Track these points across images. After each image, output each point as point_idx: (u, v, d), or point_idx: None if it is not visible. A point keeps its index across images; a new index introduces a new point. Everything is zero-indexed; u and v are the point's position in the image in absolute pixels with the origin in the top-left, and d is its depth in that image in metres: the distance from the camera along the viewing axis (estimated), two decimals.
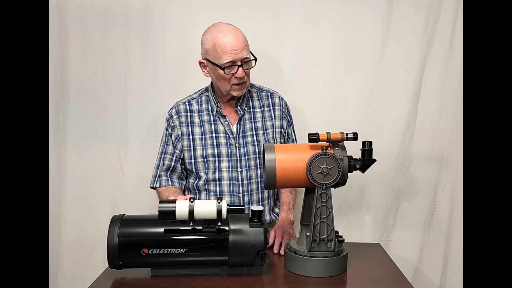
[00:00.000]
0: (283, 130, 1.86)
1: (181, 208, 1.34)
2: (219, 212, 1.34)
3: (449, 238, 2.28)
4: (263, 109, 1.85)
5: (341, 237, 1.50)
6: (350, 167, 1.48)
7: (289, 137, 1.90)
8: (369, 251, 1.73)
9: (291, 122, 1.92)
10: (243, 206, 1.43)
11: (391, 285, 1.45)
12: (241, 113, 1.81)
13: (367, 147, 1.50)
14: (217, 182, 1.77)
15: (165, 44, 2.15)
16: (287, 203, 1.87)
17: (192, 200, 1.36)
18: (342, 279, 1.46)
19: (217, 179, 1.77)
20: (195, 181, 1.81)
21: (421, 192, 2.26)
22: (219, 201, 1.35)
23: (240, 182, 1.78)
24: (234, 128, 1.80)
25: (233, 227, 1.41)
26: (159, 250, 1.38)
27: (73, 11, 2.12)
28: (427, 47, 2.16)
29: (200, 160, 1.78)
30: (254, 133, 1.81)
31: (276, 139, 1.83)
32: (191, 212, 1.34)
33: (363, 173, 1.52)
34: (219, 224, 1.38)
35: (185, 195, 1.82)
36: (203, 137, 1.79)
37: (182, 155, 1.80)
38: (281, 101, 1.88)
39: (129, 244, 1.38)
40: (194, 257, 1.41)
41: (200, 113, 1.81)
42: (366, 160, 1.50)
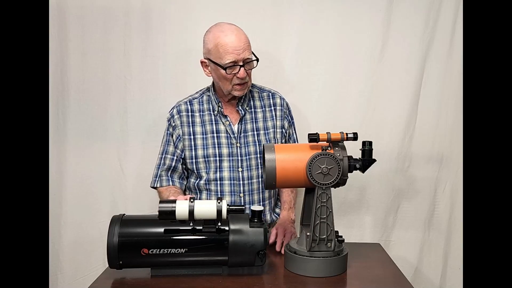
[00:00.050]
0: (284, 130, 1.86)
1: (181, 208, 1.34)
2: (219, 212, 1.34)
3: (449, 238, 2.28)
4: (264, 109, 1.85)
5: (341, 237, 1.50)
6: (350, 167, 1.48)
7: (290, 137, 1.90)
8: (369, 251, 1.73)
9: (292, 122, 1.92)
10: (243, 206, 1.43)
11: (391, 285, 1.45)
12: (243, 113, 1.81)
13: (367, 147, 1.50)
14: (218, 181, 1.77)
15: (165, 44, 2.15)
16: (288, 202, 1.87)
17: (192, 200, 1.36)
18: (342, 279, 1.46)
19: (218, 179, 1.77)
20: (196, 181, 1.81)
21: (421, 192, 2.26)
22: (219, 201, 1.35)
23: (241, 182, 1.78)
24: (235, 128, 1.80)
25: (233, 227, 1.41)
26: (159, 250, 1.38)
27: (73, 11, 2.11)
28: (427, 47, 2.16)
29: (201, 159, 1.78)
30: (255, 133, 1.81)
31: (277, 139, 1.83)
32: (191, 212, 1.34)
33: (363, 173, 1.52)
34: (219, 224, 1.38)
35: (186, 195, 1.82)
36: (204, 136, 1.79)
37: (183, 155, 1.80)
38: (283, 102, 1.88)
39: (129, 244, 1.38)
40: (194, 257, 1.41)
41: (201, 113, 1.81)
42: (366, 160, 1.50)
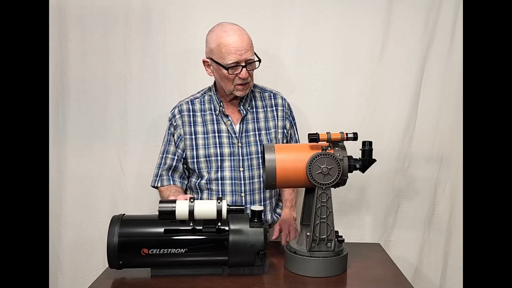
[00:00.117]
0: (285, 130, 1.86)
1: (181, 208, 1.34)
2: (219, 212, 1.34)
3: (449, 238, 2.28)
4: (266, 109, 1.85)
5: (341, 237, 1.50)
6: (350, 167, 1.48)
7: (291, 137, 1.90)
8: (369, 251, 1.73)
9: (294, 123, 1.92)
10: (243, 206, 1.43)
11: (391, 285, 1.45)
12: (244, 112, 1.81)
13: (367, 147, 1.50)
14: (219, 181, 1.77)
15: (165, 44, 2.15)
16: (290, 200, 1.87)
17: (192, 200, 1.36)
18: (342, 279, 1.46)
19: (219, 179, 1.77)
20: (198, 181, 1.81)
21: (421, 192, 2.25)
22: (219, 201, 1.35)
23: (242, 181, 1.78)
24: (236, 127, 1.80)
25: (233, 227, 1.41)
26: (159, 250, 1.38)
27: (73, 11, 2.11)
28: (427, 47, 2.16)
29: (202, 159, 1.78)
30: (256, 133, 1.81)
31: (278, 140, 1.84)
32: (191, 212, 1.34)
33: (363, 173, 1.52)
34: (219, 224, 1.38)
35: (187, 194, 1.82)
36: (206, 136, 1.79)
37: (184, 155, 1.80)
38: (284, 102, 1.88)
39: (129, 244, 1.38)
40: (194, 257, 1.41)
41: (202, 113, 1.81)
42: (366, 160, 1.50)
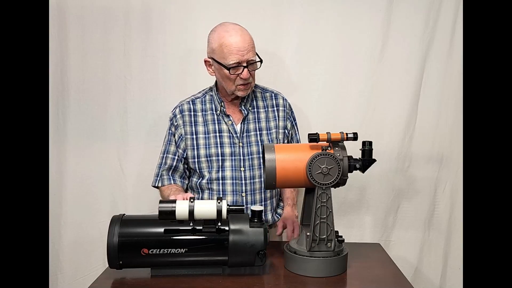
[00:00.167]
0: (287, 131, 1.86)
1: (181, 208, 1.34)
2: (219, 212, 1.34)
3: (449, 238, 2.28)
4: (267, 109, 1.85)
5: (341, 237, 1.50)
6: (350, 167, 1.48)
7: (292, 138, 1.90)
8: (369, 251, 1.73)
9: (295, 123, 1.92)
10: (243, 206, 1.43)
11: (391, 285, 1.45)
12: (245, 112, 1.81)
13: (367, 147, 1.49)
14: (220, 181, 1.77)
15: (165, 44, 2.15)
16: (292, 198, 1.88)
17: (192, 200, 1.36)
18: (342, 279, 1.46)
19: (220, 178, 1.77)
20: (199, 180, 1.81)
21: (421, 192, 2.26)
22: (219, 201, 1.35)
23: (243, 181, 1.78)
24: (237, 127, 1.80)
25: (233, 227, 1.41)
26: (159, 250, 1.38)
27: (73, 11, 2.12)
28: (427, 47, 2.16)
29: (203, 159, 1.78)
30: (258, 133, 1.81)
31: (279, 140, 1.84)
32: (191, 212, 1.34)
33: (363, 173, 1.52)
34: (219, 224, 1.38)
35: (187, 193, 1.82)
36: (207, 136, 1.78)
37: (185, 154, 1.80)
38: (285, 102, 1.88)
39: (129, 244, 1.38)
40: (194, 257, 1.41)
41: (204, 112, 1.81)
42: (366, 160, 1.49)
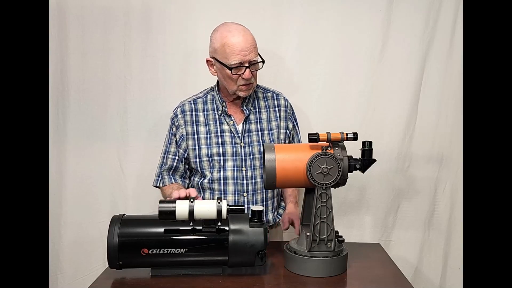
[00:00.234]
0: (288, 131, 1.87)
1: (181, 208, 1.34)
2: (219, 212, 1.34)
3: (449, 238, 2.28)
4: (268, 109, 1.85)
5: (341, 237, 1.50)
6: (350, 167, 1.48)
7: (293, 138, 1.90)
8: (369, 251, 1.73)
9: (296, 123, 1.92)
10: (243, 206, 1.43)
11: (391, 285, 1.45)
12: (247, 112, 1.81)
13: (367, 147, 1.49)
14: (222, 181, 1.77)
15: (165, 44, 2.15)
16: (294, 195, 1.89)
17: (192, 200, 1.36)
18: (342, 279, 1.46)
19: (222, 178, 1.77)
20: (200, 180, 1.81)
21: (421, 192, 2.26)
22: (219, 201, 1.35)
23: (244, 181, 1.78)
24: (239, 127, 1.80)
25: (233, 227, 1.41)
26: (159, 250, 1.38)
27: (73, 11, 2.11)
28: (427, 47, 2.16)
29: (205, 159, 1.77)
30: (259, 133, 1.81)
31: (280, 140, 1.84)
32: (191, 212, 1.34)
33: (363, 173, 1.52)
34: (219, 224, 1.38)
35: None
36: (208, 136, 1.78)
37: (186, 155, 1.80)
38: (287, 103, 1.88)
39: (129, 244, 1.38)
40: (194, 257, 1.41)
41: (205, 112, 1.81)
42: (366, 160, 1.49)
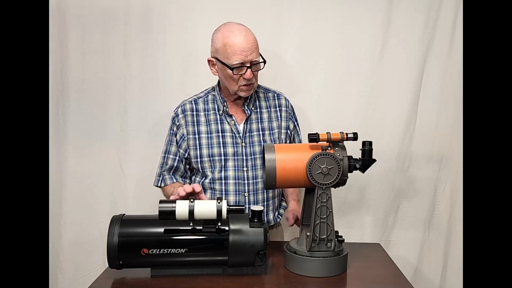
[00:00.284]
0: (289, 131, 1.87)
1: (181, 208, 1.34)
2: (219, 212, 1.34)
3: (449, 238, 2.28)
4: (269, 109, 1.85)
5: (341, 237, 1.50)
6: (350, 167, 1.48)
7: (294, 138, 1.90)
8: (369, 251, 1.73)
9: (297, 123, 1.92)
10: (243, 206, 1.43)
11: (391, 285, 1.45)
12: (248, 112, 1.81)
13: (367, 147, 1.49)
14: (223, 181, 1.77)
15: (165, 44, 2.15)
16: (296, 193, 1.90)
17: (192, 200, 1.36)
18: (342, 279, 1.46)
19: (223, 178, 1.77)
20: (201, 180, 1.81)
21: (421, 192, 2.26)
22: (219, 201, 1.35)
23: (246, 181, 1.78)
24: (240, 127, 1.80)
25: (233, 227, 1.41)
26: (159, 250, 1.38)
27: (73, 11, 2.12)
28: (427, 47, 2.16)
29: (206, 159, 1.77)
30: (260, 133, 1.81)
31: (281, 140, 1.84)
32: (191, 212, 1.34)
33: (363, 173, 1.52)
34: (219, 224, 1.38)
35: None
36: (209, 136, 1.78)
37: (187, 154, 1.80)
38: (287, 103, 1.88)
39: (129, 244, 1.38)
40: (194, 257, 1.41)
41: (206, 112, 1.81)
42: (366, 160, 1.49)
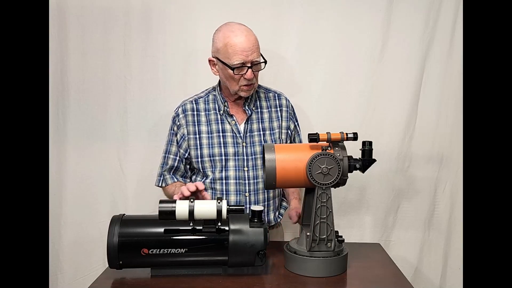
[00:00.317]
0: (289, 131, 1.87)
1: (181, 208, 1.34)
2: (219, 212, 1.34)
3: (449, 238, 2.28)
4: (270, 109, 1.85)
5: (341, 237, 1.50)
6: (350, 167, 1.48)
7: (295, 138, 1.90)
8: (369, 251, 1.73)
9: (298, 123, 1.92)
10: (243, 206, 1.43)
11: (391, 285, 1.45)
12: (249, 112, 1.80)
13: (367, 147, 1.49)
14: (224, 181, 1.77)
15: (165, 44, 2.15)
16: (297, 192, 1.89)
17: (192, 200, 1.36)
18: (342, 279, 1.46)
19: (224, 178, 1.77)
20: (202, 180, 1.80)
21: (421, 192, 2.26)
22: (219, 201, 1.35)
23: (246, 181, 1.78)
24: (241, 127, 1.79)
25: (233, 227, 1.41)
26: (159, 250, 1.38)
27: (73, 11, 2.12)
28: (427, 47, 2.16)
29: (206, 159, 1.77)
30: (261, 133, 1.81)
31: (282, 140, 1.84)
32: (191, 212, 1.34)
33: (363, 173, 1.52)
34: (219, 224, 1.38)
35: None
36: (210, 136, 1.78)
37: (187, 154, 1.80)
38: (288, 103, 1.88)
39: (129, 244, 1.38)
40: (194, 257, 1.41)
41: (207, 112, 1.81)
42: (366, 160, 1.49)
